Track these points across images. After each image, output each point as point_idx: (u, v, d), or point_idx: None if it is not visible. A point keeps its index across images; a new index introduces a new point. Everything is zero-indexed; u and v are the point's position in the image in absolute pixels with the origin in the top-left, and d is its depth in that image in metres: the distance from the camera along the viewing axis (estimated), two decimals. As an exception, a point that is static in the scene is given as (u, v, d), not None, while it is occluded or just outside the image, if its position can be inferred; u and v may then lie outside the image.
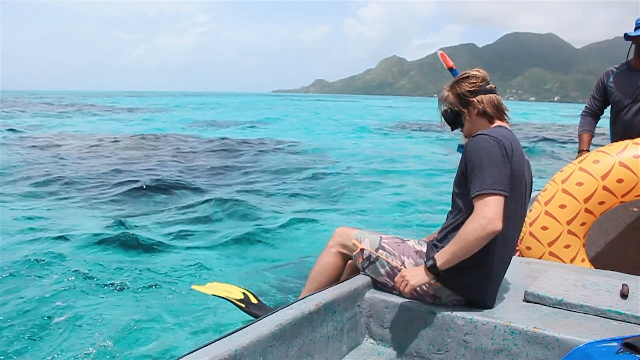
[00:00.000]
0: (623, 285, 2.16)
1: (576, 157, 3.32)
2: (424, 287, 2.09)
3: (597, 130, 3.79)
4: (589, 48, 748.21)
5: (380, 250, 2.21)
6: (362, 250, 2.23)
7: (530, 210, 3.06)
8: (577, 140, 3.78)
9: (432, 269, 1.97)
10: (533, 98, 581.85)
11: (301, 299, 2.01)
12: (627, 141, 2.97)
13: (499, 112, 2.15)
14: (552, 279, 2.31)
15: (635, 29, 3.30)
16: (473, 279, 2.03)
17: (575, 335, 1.83)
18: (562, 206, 2.90)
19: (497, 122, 2.15)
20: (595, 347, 1.37)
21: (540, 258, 2.94)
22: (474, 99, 2.14)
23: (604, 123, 3.77)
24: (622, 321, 1.95)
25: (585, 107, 3.76)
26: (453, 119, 2.22)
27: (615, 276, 2.49)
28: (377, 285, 2.28)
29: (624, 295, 2.10)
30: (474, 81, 2.15)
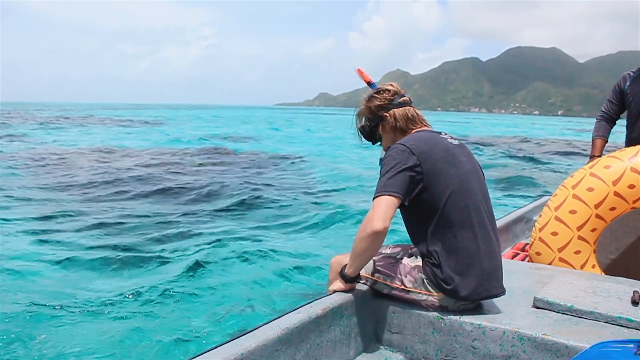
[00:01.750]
0: (634, 292, 2.13)
1: (587, 163, 3.28)
2: (429, 299, 2.07)
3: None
4: (593, 62, 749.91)
5: (376, 274, 2.16)
6: (360, 276, 2.18)
7: (540, 216, 3.04)
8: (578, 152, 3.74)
9: (342, 276, 2.08)
10: (537, 112, 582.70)
11: (308, 303, 1.98)
12: (638, 146, 2.93)
13: (413, 123, 2.18)
14: (562, 285, 2.28)
15: None
16: (466, 279, 1.99)
17: (585, 342, 1.79)
18: (573, 212, 2.86)
19: (416, 129, 2.18)
20: (611, 347, 1.33)
21: (550, 264, 2.90)
22: (386, 114, 2.18)
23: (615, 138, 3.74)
24: (634, 328, 1.91)
25: (602, 111, 3.73)
26: (369, 134, 2.25)
27: (626, 283, 2.45)
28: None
29: (634, 302, 2.07)
30: (386, 96, 2.18)
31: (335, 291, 2.10)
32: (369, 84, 2.35)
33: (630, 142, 3.52)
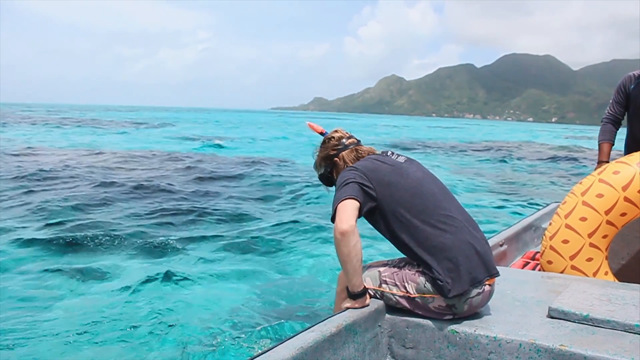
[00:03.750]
0: None
1: (595, 168, 3.24)
2: (436, 302, 2.07)
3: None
4: (586, 70, 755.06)
5: (383, 285, 2.20)
6: (366, 289, 2.21)
7: (550, 224, 3.02)
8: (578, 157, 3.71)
9: (350, 296, 2.11)
10: (531, 119, 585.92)
11: (322, 321, 1.95)
12: None
13: (361, 159, 2.34)
14: (576, 294, 2.24)
15: None
16: (455, 272, 2.03)
17: (604, 352, 1.76)
18: (583, 219, 2.83)
19: None
20: None
21: (562, 272, 2.87)
22: (336, 159, 2.38)
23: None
24: None
25: (607, 112, 3.68)
26: (329, 180, 2.44)
27: None
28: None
29: None
30: (332, 143, 2.40)
31: (347, 308, 2.10)
32: (322, 133, 2.50)
33: (630, 143, 3.50)
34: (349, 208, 2.02)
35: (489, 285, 2.11)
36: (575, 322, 2.02)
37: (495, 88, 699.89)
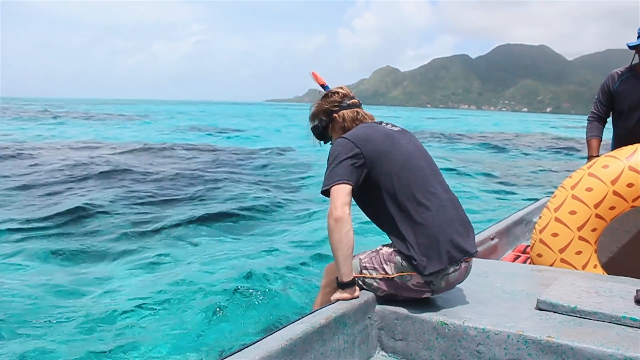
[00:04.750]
0: (637, 291, 2.14)
1: (586, 163, 3.29)
2: (414, 279, 2.10)
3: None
4: (581, 60, 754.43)
5: (364, 271, 2.22)
6: (355, 279, 2.22)
7: (540, 217, 3.06)
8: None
9: (339, 285, 2.12)
10: (525, 109, 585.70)
11: (311, 313, 1.98)
12: (636, 145, 2.95)
13: (360, 123, 2.33)
14: (565, 286, 2.28)
15: (638, 38, 3.31)
16: (432, 250, 2.04)
17: (590, 343, 1.80)
18: (573, 212, 2.87)
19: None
20: None
21: (551, 265, 2.91)
22: (336, 115, 2.34)
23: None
24: (638, 328, 1.92)
25: (592, 112, 3.74)
26: (321, 134, 2.41)
27: (629, 282, 2.47)
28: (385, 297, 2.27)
29: (638, 301, 2.08)
30: (335, 98, 2.36)
31: (337, 300, 2.12)
32: (323, 86, 2.47)
33: (617, 141, 3.55)
34: (342, 194, 2.03)
35: (466, 262, 2.14)
36: (563, 314, 2.05)
37: (490, 78, 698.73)
